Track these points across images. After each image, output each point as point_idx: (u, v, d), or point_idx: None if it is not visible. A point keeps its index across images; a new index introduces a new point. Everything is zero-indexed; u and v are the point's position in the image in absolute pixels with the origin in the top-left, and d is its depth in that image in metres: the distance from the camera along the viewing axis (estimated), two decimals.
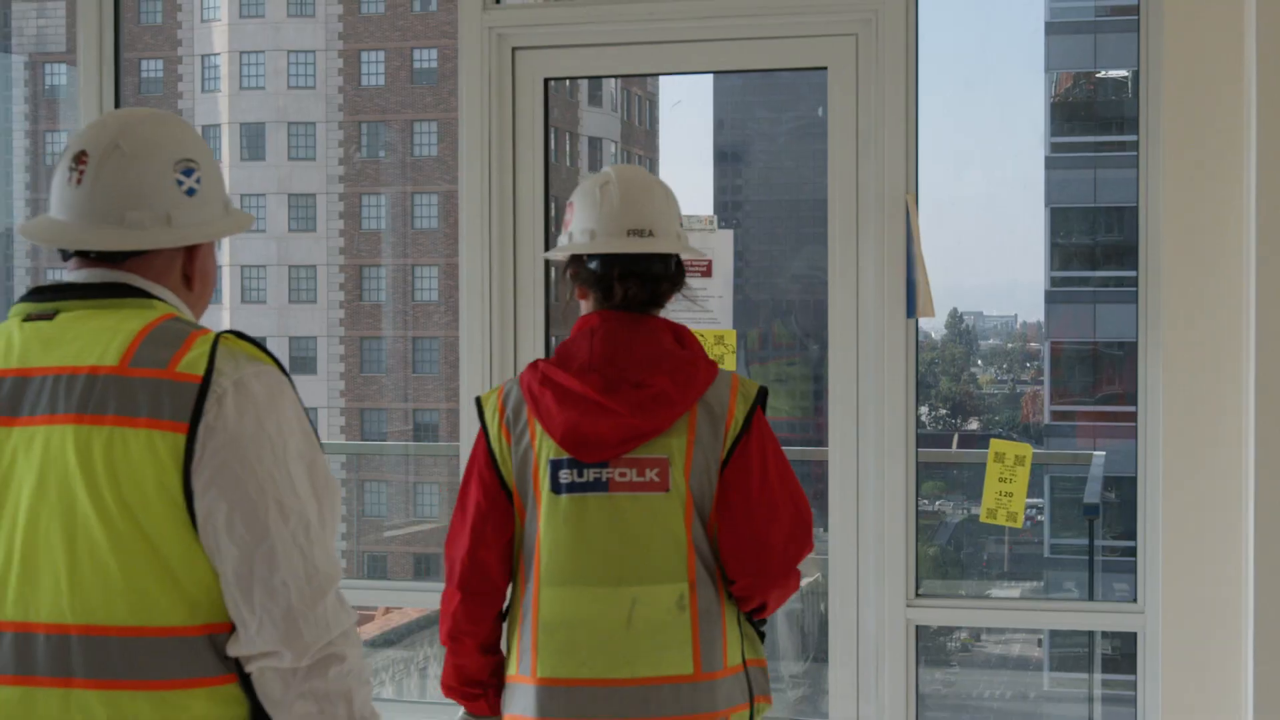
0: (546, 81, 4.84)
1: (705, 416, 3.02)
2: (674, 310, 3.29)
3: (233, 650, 2.11)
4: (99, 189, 2.20)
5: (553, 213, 4.85)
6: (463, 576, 3.04)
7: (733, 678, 3.02)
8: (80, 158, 2.22)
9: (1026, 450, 4.42)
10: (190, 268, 2.29)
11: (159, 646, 2.05)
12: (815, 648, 6.60)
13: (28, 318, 2.18)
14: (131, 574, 2.05)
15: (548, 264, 4.71)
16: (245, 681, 2.13)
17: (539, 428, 2.98)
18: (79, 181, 2.21)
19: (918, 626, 4.55)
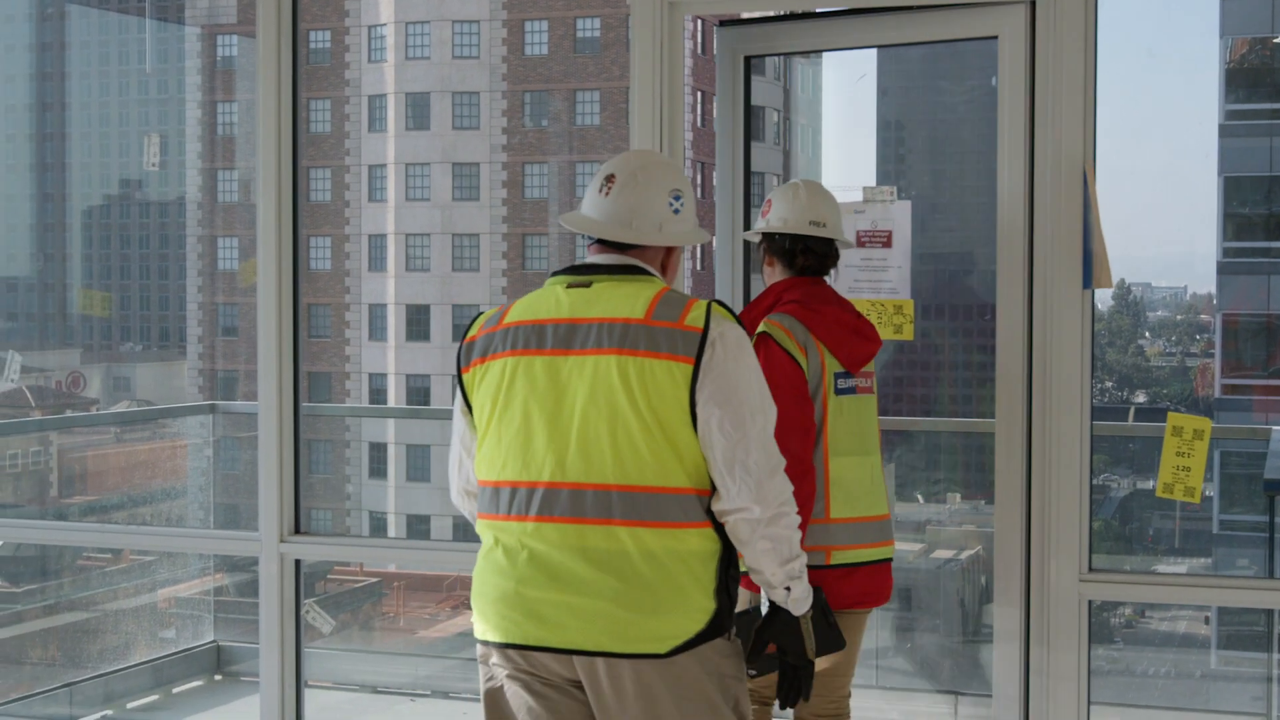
0: (749, 59, 4.97)
1: None
2: (859, 283, 4.74)
3: (715, 507, 3.13)
4: (620, 202, 3.30)
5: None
6: (808, 460, 4.01)
7: None
8: (610, 179, 3.33)
9: (1206, 424, 4.32)
10: (667, 261, 3.38)
11: (671, 500, 3.10)
12: (975, 622, 6.55)
13: (570, 285, 3.24)
14: (656, 453, 3.09)
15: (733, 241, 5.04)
16: (717, 528, 3.15)
17: (825, 349, 4.08)
18: (608, 194, 3.31)
19: (1090, 602, 4.48)
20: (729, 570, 3.18)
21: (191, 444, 9.11)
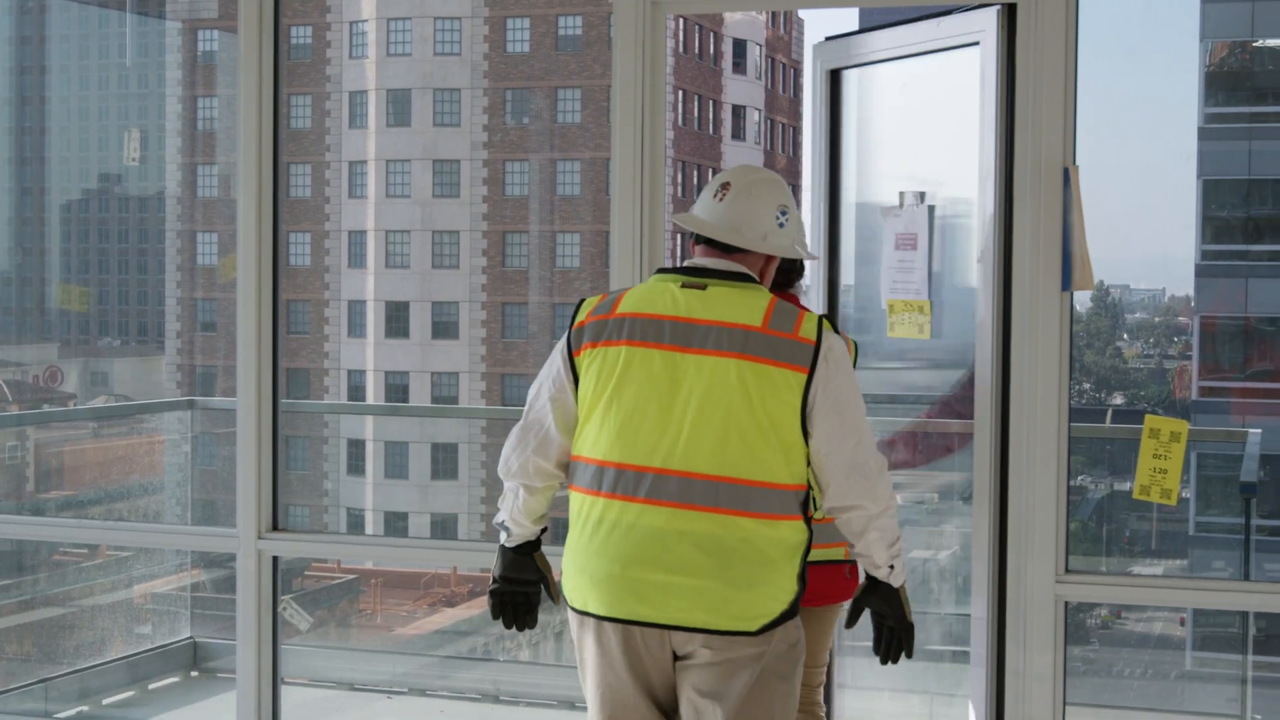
0: (832, 73, 5.09)
1: None
2: (897, 284, 4.85)
3: (829, 504, 3.48)
4: (732, 210, 3.59)
5: None
6: None
7: None
8: (725, 186, 3.63)
9: (1182, 426, 4.33)
10: (765, 269, 3.65)
11: (772, 494, 3.40)
12: (952, 624, 6.56)
13: (684, 285, 3.52)
14: (765, 451, 3.39)
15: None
16: (806, 521, 3.48)
17: None
18: (722, 199, 3.61)
19: (1066, 603, 4.49)
20: (806, 559, 3.49)
21: (169, 439, 9.09)
